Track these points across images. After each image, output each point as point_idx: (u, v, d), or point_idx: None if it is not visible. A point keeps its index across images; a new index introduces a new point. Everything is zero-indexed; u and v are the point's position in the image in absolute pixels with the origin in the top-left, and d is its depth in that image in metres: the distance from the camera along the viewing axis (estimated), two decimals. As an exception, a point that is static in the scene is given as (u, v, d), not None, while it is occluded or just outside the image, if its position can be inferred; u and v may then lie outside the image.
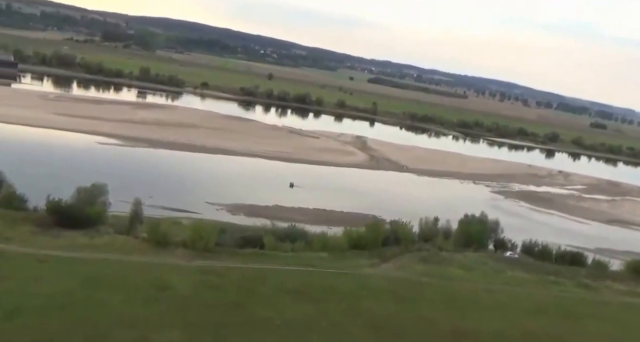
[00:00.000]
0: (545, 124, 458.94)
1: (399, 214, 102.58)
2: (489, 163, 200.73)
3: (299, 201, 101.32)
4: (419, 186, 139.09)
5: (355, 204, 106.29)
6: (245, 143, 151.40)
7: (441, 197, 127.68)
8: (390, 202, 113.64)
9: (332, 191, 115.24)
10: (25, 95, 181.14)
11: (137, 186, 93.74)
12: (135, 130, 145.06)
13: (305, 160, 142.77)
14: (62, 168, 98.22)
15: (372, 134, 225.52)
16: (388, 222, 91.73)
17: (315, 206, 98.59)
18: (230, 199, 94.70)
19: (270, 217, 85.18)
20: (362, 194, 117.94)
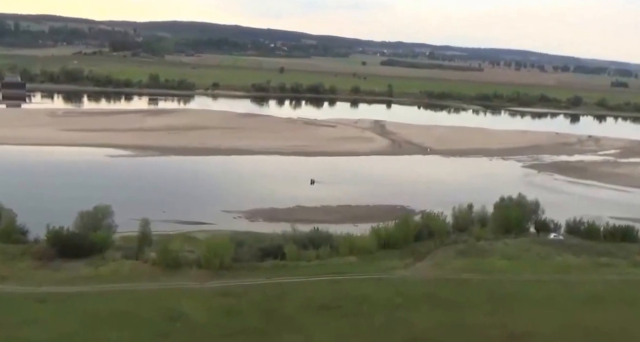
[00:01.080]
0: (565, 88, 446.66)
1: (427, 201, 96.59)
2: (515, 135, 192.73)
3: (321, 198, 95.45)
4: (446, 168, 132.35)
5: (381, 195, 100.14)
6: (260, 140, 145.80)
7: (471, 179, 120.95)
8: (417, 189, 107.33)
9: (355, 183, 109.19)
10: (34, 114, 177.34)
11: (148, 199, 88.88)
12: (146, 138, 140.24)
13: (324, 152, 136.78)
14: (70, 187, 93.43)
15: (391, 117, 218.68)
16: (418, 214, 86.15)
17: (339, 202, 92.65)
18: (248, 204, 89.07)
19: (291, 221, 79.34)
20: (386, 182, 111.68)
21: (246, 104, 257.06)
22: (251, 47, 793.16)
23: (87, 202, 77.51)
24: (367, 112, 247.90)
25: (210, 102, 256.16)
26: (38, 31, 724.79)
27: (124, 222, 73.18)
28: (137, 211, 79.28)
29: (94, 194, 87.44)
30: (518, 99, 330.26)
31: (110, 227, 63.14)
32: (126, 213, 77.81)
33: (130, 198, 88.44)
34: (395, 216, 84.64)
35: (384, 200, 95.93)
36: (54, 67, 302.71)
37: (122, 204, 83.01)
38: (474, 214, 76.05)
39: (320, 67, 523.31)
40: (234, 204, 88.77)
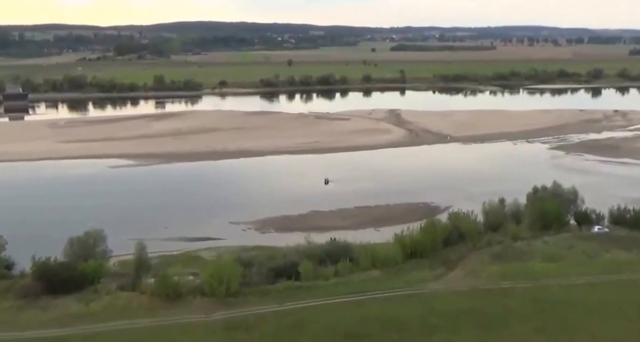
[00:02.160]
0: (582, 60, 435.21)
1: (452, 195, 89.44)
2: (538, 115, 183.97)
3: (338, 200, 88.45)
4: (469, 156, 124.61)
5: (401, 191, 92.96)
6: (270, 140, 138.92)
7: (496, 166, 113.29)
8: (440, 182, 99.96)
9: (373, 180, 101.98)
10: (34, 126, 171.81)
11: (149, 214, 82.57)
12: (150, 145, 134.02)
13: (337, 148, 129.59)
14: (65, 206, 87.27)
15: (406, 105, 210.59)
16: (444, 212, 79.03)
17: (357, 203, 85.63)
18: (258, 212, 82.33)
19: (306, 229, 72.70)
20: (406, 177, 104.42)
21: (255, 101, 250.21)
22: (258, 42, 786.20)
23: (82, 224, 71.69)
24: (380, 101, 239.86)
25: (218, 102, 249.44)
26: (43, 40, 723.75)
27: (121, 243, 66.97)
28: (137, 229, 73.59)
29: (91, 212, 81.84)
30: (536, 76, 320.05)
31: (105, 253, 56.62)
32: (125, 232, 72.03)
33: (130, 214, 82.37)
34: (419, 215, 77.97)
35: (406, 197, 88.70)
36: (57, 75, 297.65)
37: (121, 222, 77.38)
38: (507, 209, 68.50)
39: (329, 57, 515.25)
40: (243, 213, 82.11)
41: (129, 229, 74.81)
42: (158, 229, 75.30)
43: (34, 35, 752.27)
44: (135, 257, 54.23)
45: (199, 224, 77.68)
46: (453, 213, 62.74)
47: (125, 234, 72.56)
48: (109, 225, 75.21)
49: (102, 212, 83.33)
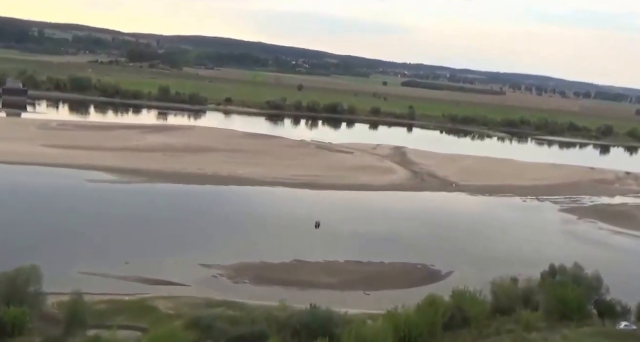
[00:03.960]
0: (590, 115, 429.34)
1: (455, 258, 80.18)
2: (548, 170, 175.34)
3: (327, 248, 79.28)
4: (475, 211, 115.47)
5: (399, 247, 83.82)
6: (265, 168, 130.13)
7: (504, 226, 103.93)
8: (442, 239, 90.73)
9: (369, 228, 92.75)
10: (24, 125, 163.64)
11: (113, 243, 73.27)
12: (138, 160, 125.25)
13: (336, 185, 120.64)
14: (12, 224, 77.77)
15: (412, 143, 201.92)
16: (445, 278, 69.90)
17: (348, 256, 76.28)
18: (236, 254, 73.08)
19: (286, 284, 63.69)
20: (406, 228, 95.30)
21: (259, 122, 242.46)
22: (272, 63, 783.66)
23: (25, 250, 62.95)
24: (387, 136, 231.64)
25: (221, 119, 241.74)
26: (62, 39, 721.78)
27: (70, 277, 58.37)
28: (93, 261, 64.58)
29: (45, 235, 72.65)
30: (546, 127, 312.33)
31: (37, 296, 47.15)
32: (78, 263, 63.13)
33: (91, 241, 73.20)
34: (417, 279, 68.92)
35: (402, 254, 79.41)
36: (65, 74, 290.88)
37: (77, 249, 68.35)
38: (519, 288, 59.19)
39: (340, 86, 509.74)
40: (219, 253, 72.84)
41: (84, 259, 65.77)
42: (118, 262, 66.11)
43: (54, 34, 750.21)
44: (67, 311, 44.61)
45: (166, 261, 68.36)
46: (457, 291, 53.39)
47: (78, 265, 63.73)
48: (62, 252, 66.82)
49: (59, 235, 74.36)
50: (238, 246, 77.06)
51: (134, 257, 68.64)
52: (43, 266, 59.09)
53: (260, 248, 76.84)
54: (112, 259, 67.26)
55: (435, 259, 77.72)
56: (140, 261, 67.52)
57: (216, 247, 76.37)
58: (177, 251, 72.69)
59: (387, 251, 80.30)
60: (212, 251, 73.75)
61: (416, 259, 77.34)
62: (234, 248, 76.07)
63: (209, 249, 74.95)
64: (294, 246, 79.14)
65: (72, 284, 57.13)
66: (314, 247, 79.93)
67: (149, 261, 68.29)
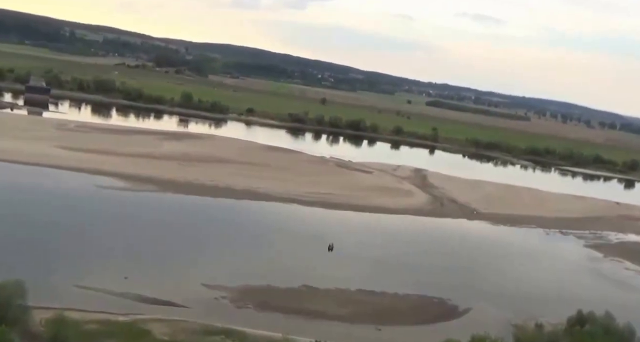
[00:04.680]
0: (615, 147, 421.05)
1: (473, 293, 75.75)
2: (572, 202, 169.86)
3: (338, 275, 75.31)
4: (496, 241, 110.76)
5: (414, 275, 79.71)
6: (281, 183, 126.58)
7: (526, 262, 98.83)
8: (461, 270, 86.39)
9: (384, 254, 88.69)
10: (42, 124, 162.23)
11: (114, 255, 69.98)
12: (152, 167, 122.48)
13: (352, 205, 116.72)
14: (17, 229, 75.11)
15: (433, 165, 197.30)
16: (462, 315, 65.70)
17: (360, 284, 72.17)
18: (241, 275, 69.40)
19: (291, 312, 59.98)
20: (423, 256, 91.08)
21: (279, 135, 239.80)
22: (298, 75, 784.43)
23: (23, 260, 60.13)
24: (408, 156, 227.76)
25: (241, 129, 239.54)
26: (92, 40, 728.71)
27: (64, 289, 55.50)
28: (89, 274, 61.37)
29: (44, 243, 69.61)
30: (571, 157, 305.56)
31: (22, 312, 43.91)
32: (74, 275, 60.05)
33: (90, 251, 70.03)
34: (432, 315, 64.88)
35: (418, 286, 75.13)
36: (90, 75, 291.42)
37: (74, 260, 65.35)
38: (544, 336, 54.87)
39: (364, 102, 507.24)
40: (223, 273, 69.16)
41: (81, 270, 62.66)
42: (117, 276, 62.83)
43: (85, 35, 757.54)
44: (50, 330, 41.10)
45: (166, 278, 64.92)
46: (477, 337, 49.20)
47: (74, 277, 60.63)
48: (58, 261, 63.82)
49: (57, 242, 71.37)
50: (245, 266, 73.46)
51: (134, 271, 65.35)
52: (36, 276, 56.97)
53: (268, 269, 73.16)
54: (111, 272, 64.07)
55: (452, 292, 73.40)
56: (140, 277, 64.17)
57: (222, 265, 72.89)
58: (180, 268, 69.29)
59: (402, 281, 76.23)
60: (216, 270, 70.18)
61: (432, 292, 73.06)
62: (240, 268, 72.47)
63: (213, 267, 71.48)
64: (304, 269, 75.36)
65: (65, 298, 54.50)
66: (325, 272, 76.01)
67: (149, 277, 64.95)
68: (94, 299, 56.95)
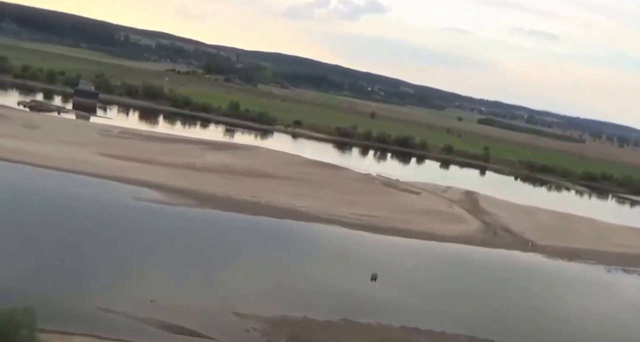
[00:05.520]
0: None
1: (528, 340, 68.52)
2: (634, 235, 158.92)
3: (381, 306, 69.07)
4: (552, 278, 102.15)
5: (464, 315, 72.57)
6: (324, 201, 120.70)
7: (588, 306, 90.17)
8: (514, 312, 78.80)
9: (431, 288, 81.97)
10: (86, 129, 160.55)
11: (141, 276, 65.33)
12: (192, 179, 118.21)
13: (398, 230, 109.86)
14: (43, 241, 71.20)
15: (485, 188, 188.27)
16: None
17: (404, 321, 65.46)
18: (275, 304, 63.71)
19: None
20: (474, 293, 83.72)
21: (326, 149, 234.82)
22: (348, 87, 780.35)
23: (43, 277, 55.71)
24: (458, 177, 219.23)
25: (287, 141, 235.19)
26: (145, 46, 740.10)
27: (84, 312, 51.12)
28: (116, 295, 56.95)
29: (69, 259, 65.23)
30: (630, 184, 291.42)
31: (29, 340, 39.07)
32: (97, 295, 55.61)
33: (117, 271, 65.36)
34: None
35: (468, 323, 68.23)
36: (140, 80, 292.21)
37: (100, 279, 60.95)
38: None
39: (414, 117, 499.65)
40: (256, 301, 63.53)
41: (105, 291, 58.09)
42: (142, 299, 58.20)
43: (139, 40, 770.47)
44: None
45: (196, 303, 59.66)
46: None
47: (97, 298, 56.12)
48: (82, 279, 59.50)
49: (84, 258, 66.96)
50: (280, 294, 67.80)
51: (161, 293, 60.57)
52: (59, 293, 53.28)
53: (305, 299, 67.51)
54: (137, 294, 59.52)
55: (505, 334, 66.30)
56: (167, 300, 59.15)
57: (255, 292, 67.15)
58: (210, 292, 64.10)
59: (451, 318, 69.38)
60: (249, 296, 64.67)
61: (483, 332, 66.03)
62: (275, 296, 66.85)
63: (246, 293, 65.86)
64: (345, 300, 69.21)
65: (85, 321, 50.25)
66: (367, 304, 69.81)
67: (177, 302, 59.75)
68: (114, 324, 52.60)
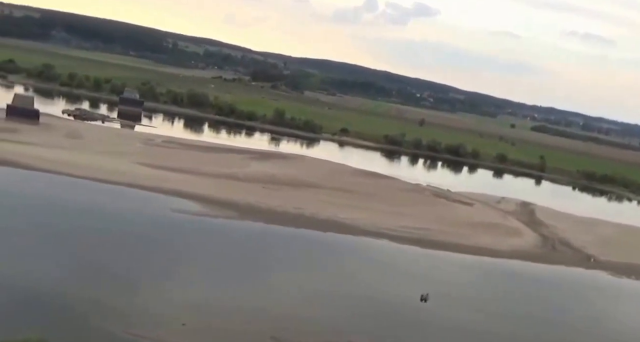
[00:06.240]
0: None
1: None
2: None
3: (432, 334, 62.74)
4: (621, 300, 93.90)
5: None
6: (371, 213, 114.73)
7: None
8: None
9: (489, 312, 74.90)
10: (128, 138, 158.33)
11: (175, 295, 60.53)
12: (234, 190, 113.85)
13: (450, 244, 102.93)
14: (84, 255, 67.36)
15: (541, 199, 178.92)
16: None
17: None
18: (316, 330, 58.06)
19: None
20: (533, 316, 76.42)
21: (374, 158, 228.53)
22: (396, 94, 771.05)
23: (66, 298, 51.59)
24: (512, 187, 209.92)
25: (334, 150, 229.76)
26: (193, 53, 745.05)
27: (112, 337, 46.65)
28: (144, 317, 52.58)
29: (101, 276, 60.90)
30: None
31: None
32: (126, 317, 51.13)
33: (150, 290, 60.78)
34: None
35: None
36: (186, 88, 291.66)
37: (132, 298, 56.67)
38: None
39: (464, 124, 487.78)
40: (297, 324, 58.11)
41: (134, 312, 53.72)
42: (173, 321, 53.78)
43: (187, 46, 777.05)
44: None
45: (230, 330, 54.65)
46: None
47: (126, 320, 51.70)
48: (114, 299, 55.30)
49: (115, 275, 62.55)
50: (321, 317, 62.09)
51: (193, 316, 55.72)
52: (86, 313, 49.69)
53: (350, 322, 61.77)
54: (168, 316, 54.75)
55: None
56: (198, 324, 54.32)
57: (296, 313, 61.69)
58: (247, 317, 58.72)
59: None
60: (290, 319, 59.29)
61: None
62: (316, 320, 61.23)
63: (287, 315, 60.48)
64: (392, 323, 63.07)
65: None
66: (417, 330, 63.68)
67: (209, 325, 54.88)
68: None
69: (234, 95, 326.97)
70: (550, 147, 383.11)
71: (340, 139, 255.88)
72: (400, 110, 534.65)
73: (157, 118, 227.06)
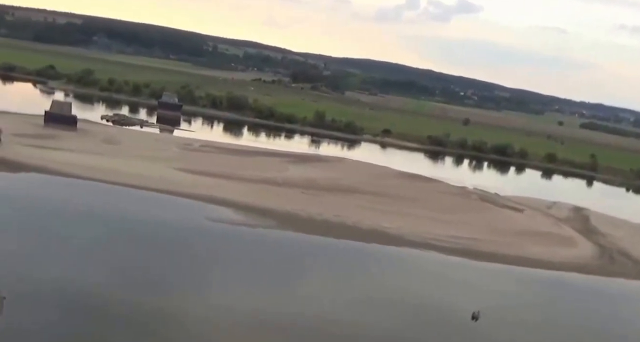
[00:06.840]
0: None
1: None
2: None
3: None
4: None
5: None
6: (416, 221, 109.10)
7: None
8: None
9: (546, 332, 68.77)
10: (166, 143, 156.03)
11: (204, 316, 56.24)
12: (272, 196, 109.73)
13: (500, 256, 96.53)
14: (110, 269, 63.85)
15: (595, 203, 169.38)
16: None
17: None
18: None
19: None
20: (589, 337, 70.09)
21: (417, 159, 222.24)
22: (439, 93, 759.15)
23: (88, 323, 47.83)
24: (563, 189, 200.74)
25: (376, 152, 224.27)
26: (233, 55, 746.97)
27: None
28: None
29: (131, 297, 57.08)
30: None
31: None
32: None
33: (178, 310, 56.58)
34: None
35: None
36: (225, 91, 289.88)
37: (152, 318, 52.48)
38: None
39: (510, 122, 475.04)
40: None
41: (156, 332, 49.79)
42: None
43: (226, 49, 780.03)
44: None
45: None
46: None
47: None
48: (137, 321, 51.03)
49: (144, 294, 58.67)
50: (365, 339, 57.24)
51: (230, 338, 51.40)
52: None
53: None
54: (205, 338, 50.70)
55: None
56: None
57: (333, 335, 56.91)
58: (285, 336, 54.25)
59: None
60: None
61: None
62: None
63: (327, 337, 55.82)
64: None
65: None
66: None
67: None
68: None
69: (273, 97, 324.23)
70: (601, 145, 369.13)
71: (382, 140, 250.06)
72: (444, 109, 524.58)
73: (196, 122, 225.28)
